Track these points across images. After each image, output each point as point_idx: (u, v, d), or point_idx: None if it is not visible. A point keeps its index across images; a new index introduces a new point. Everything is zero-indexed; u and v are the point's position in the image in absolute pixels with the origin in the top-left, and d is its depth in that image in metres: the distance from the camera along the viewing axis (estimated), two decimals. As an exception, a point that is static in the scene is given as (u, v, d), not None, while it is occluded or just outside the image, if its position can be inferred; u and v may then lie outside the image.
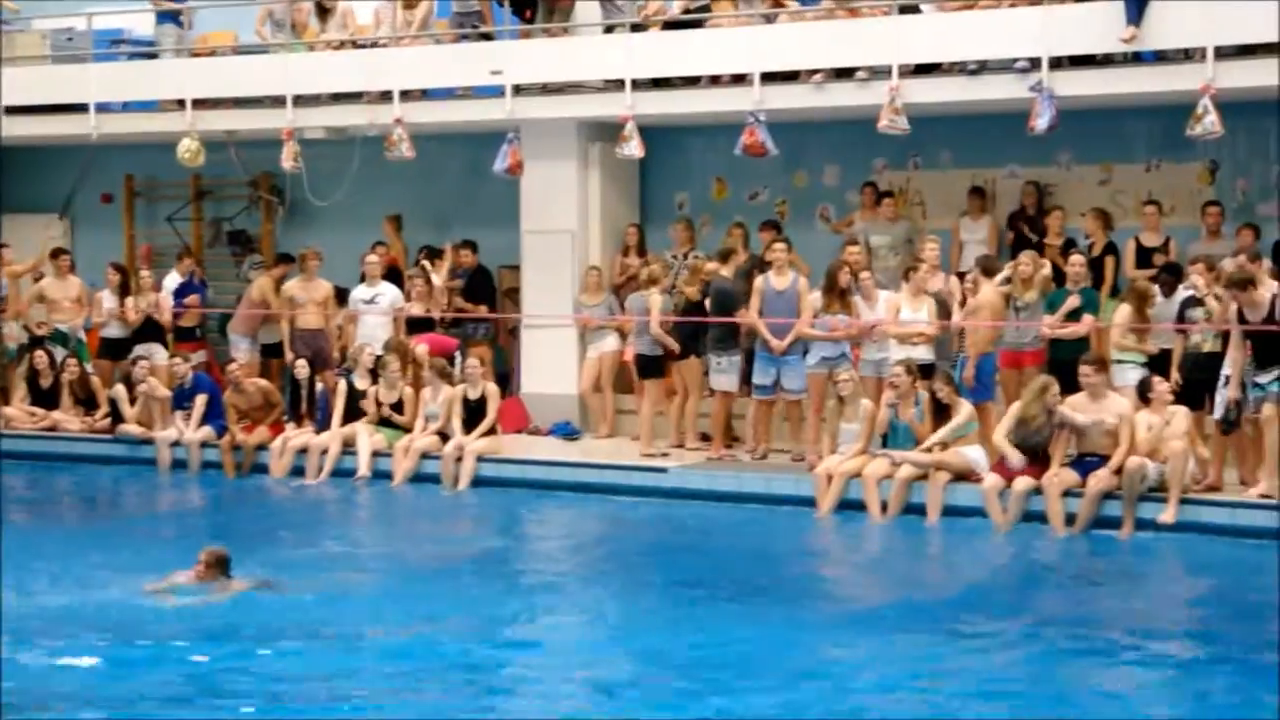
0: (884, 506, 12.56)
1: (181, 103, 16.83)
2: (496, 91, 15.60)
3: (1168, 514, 11.79)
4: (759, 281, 14.06)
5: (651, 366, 14.69)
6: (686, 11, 15.38)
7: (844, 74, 14.37)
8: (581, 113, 15.70)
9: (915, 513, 12.44)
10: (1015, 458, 12.24)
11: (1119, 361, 12.76)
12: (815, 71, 14.45)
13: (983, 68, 13.83)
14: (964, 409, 12.70)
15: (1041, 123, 13.33)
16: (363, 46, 16.62)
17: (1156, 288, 12.92)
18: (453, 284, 16.22)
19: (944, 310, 13.59)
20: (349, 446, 14.66)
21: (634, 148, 14.99)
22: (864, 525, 12.46)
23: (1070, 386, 12.45)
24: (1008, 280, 13.32)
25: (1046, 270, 13.49)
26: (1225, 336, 12.27)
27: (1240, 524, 11.73)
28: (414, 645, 9.02)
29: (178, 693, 8.07)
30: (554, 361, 15.97)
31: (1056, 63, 13.41)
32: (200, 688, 8.18)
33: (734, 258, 14.65)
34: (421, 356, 15.20)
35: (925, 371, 13.12)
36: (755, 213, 16.21)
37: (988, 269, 13.62)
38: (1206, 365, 12.31)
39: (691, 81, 15.20)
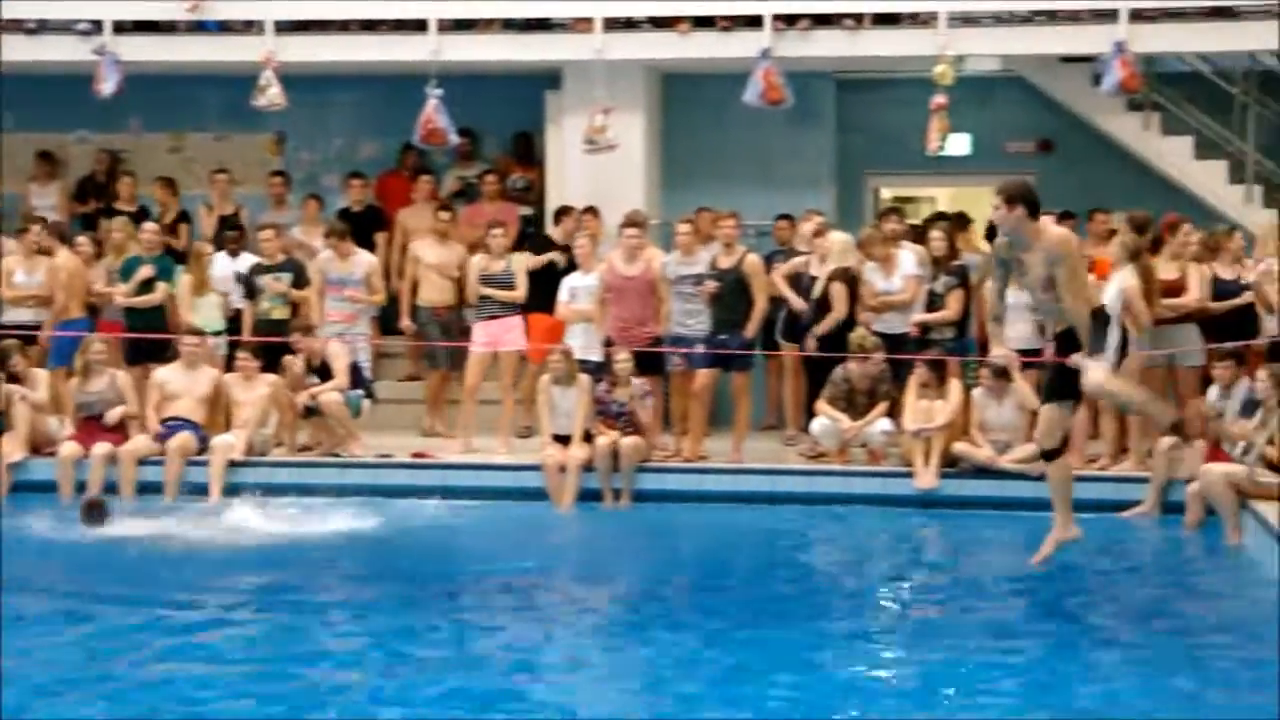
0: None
1: None
2: None
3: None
4: None
5: None
6: None
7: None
8: None
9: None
10: None
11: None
12: None
13: (43, 27, 13.51)
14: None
15: (107, 87, 13.33)
16: None
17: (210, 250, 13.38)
18: None
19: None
20: None
21: None
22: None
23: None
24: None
25: None
26: (294, 306, 12.90)
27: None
28: None
29: None
30: None
31: (120, 27, 13.37)
32: None
33: None
34: None
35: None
36: None
37: (61, 235, 13.51)
38: (272, 331, 12.71)
39: None
